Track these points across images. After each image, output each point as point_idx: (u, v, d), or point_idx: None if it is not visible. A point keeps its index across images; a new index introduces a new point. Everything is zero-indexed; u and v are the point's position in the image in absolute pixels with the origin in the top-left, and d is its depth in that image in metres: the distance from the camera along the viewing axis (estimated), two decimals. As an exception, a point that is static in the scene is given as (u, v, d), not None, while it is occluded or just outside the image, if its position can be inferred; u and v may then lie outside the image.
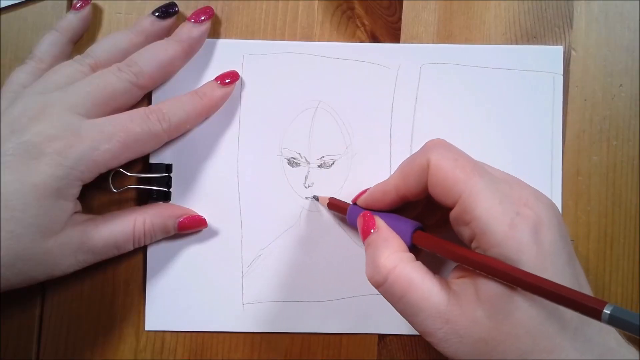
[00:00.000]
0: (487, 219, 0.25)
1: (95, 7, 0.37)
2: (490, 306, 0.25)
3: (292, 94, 0.37)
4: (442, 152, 0.27)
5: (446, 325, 0.26)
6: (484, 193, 0.26)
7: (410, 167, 0.28)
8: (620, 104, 0.37)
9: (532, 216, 0.25)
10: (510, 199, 0.26)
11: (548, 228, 0.25)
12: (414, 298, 0.26)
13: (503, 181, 0.27)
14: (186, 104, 0.34)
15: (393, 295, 0.27)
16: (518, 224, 0.25)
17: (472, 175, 0.26)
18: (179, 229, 0.35)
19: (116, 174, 0.35)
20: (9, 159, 0.29)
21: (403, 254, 0.28)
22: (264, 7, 0.37)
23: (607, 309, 0.21)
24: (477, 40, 0.37)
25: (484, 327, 0.25)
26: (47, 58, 0.35)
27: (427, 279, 0.27)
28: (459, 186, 0.26)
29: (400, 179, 0.29)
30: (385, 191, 0.30)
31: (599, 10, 0.37)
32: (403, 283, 0.27)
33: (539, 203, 0.26)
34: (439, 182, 0.27)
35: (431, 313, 0.26)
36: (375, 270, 0.28)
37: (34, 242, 0.30)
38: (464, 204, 0.26)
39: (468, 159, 0.27)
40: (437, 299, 0.26)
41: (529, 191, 0.27)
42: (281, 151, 0.36)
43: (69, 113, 0.31)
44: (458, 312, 0.26)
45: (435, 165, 0.27)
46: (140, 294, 0.36)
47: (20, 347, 0.36)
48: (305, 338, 0.36)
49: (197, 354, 0.36)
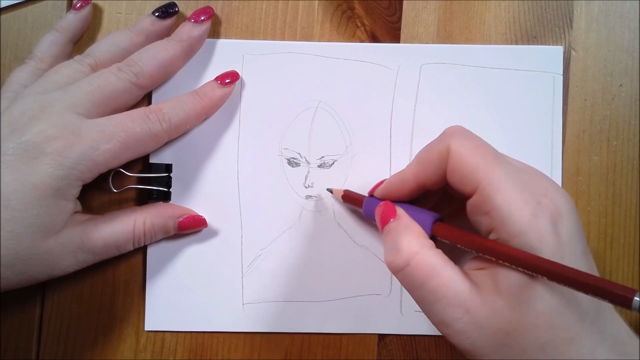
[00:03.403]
0: (509, 209, 0.25)
1: (95, 7, 0.37)
2: (510, 297, 0.25)
3: (292, 94, 0.37)
4: (463, 139, 0.27)
5: (466, 315, 0.25)
6: (504, 182, 0.25)
7: (429, 154, 0.28)
8: (620, 104, 0.37)
9: (552, 207, 0.25)
10: (531, 189, 0.26)
11: (567, 219, 0.25)
12: (435, 285, 0.26)
13: (523, 171, 0.27)
14: (186, 104, 0.34)
15: (414, 281, 0.26)
16: (539, 214, 0.25)
17: (493, 163, 0.26)
18: (179, 229, 0.35)
19: (116, 174, 0.35)
20: (9, 159, 0.29)
21: (425, 240, 0.27)
22: (264, 7, 0.37)
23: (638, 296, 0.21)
24: (477, 40, 0.37)
25: (504, 318, 0.25)
26: (47, 58, 0.35)
27: (448, 267, 0.26)
28: (479, 174, 0.26)
29: (418, 167, 0.29)
30: (403, 180, 0.29)
31: (599, 10, 0.37)
32: (425, 269, 0.26)
33: (557, 194, 0.26)
34: (459, 169, 0.26)
35: (452, 301, 0.26)
36: (396, 254, 0.27)
37: (34, 242, 0.30)
38: (484, 193, 0.25)
39: (489, 147, 0.27)
40: (459, 287, 0.26)
41: (548, 182, 0.27)
42: (281, 151, 0.36)
43: (69, 113, 0.31)
44: (479, 302, 0.25)
45: (456, 152, 0.27)
46: (140, 294, 0.36)
47: (20, 347, 0.36)
48: (305, 338, 0.36)
49: (197, 354, 0.36)
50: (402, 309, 0.36)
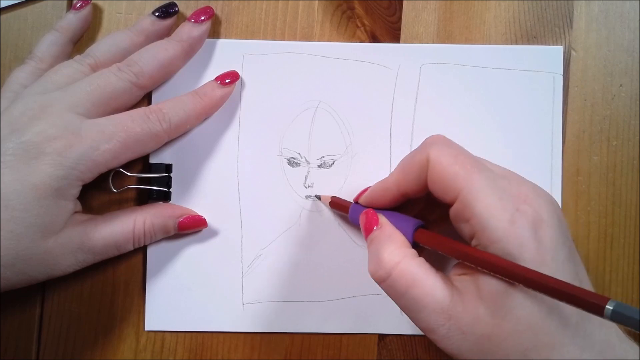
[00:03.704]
0: (487, 216, 0.25)
1: (95, 7, 0.37)
2: (492, 303, 0.25)
3: (292, 94, 0.37)
4: (442, 148, 0.27)
5: (449, 321, 0.26)
6: (483, 190, 0.26)
7: (410, 163, 0.28)
8: (620, 104, 0.37)
9: (532, 212, 0.25)
10: (510, 195, 0.26)
11: (548, 225, 0.25)
12: (417, 293, 0.26)
13: (502, 177, 0.27)
14: (186, 104, 0.34)
15: (396, 291, 0.27)
16: (518, 220, 0.25)
17: (472, 171, 0.26)
18: (179, 229, 0.35)
19: (116, 174, 0.35)
20: (9, 159, 0.29)
21: (407, 249, 0.28)
22: (264, 7, 0.37)
23: (609, 305, 0.21)
24: (477, 40, 0.37)
25: (486, 324, 0.25)
26: (47, 58, 0.35)
27: (430, 275, 0.27)
28: (459, 183, 0.26)
29: (400, 176, 0.29)
30: (386, 188, 0.30)
31: (599, 10, 0.37)
32: (407, 278, 0.27)
33: (538, 199, 0.26)
34: (439, 178, 0.27)
35: (434, 309, 0.26)
36: (378, 265, 0.27)
37: (34, 242, 0.30)
38: (464, 201, 0.26)
39: (467, 155, 0.27)
40: (441, 295, 0.26)
41: (529, 187, 0.27)
42: (281, 151, 0.36)
43: (69, 113, 0.31)
44: (461, 309, 0.26)
45: (435, 161, 0.27)
46: (140, 294, 0.36)
47: (20, 347, 0.36)
48: (305, 338, 0.36)
49: (197, 354, 0.36)
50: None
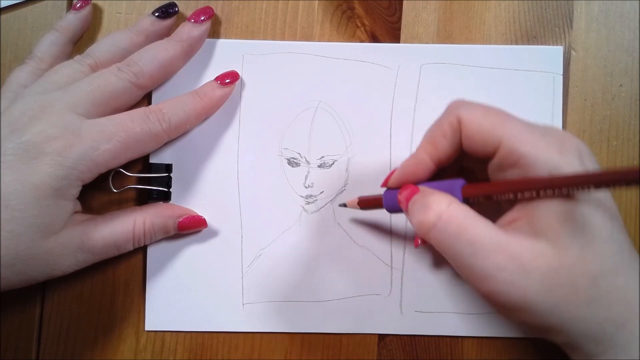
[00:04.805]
0: (536, 152, 0.25)
1: (95, 7, 0.37)
2: (552, 234, 0.25)
3: (292, 94, 0.37)
4: (470, 106, 0.28)
5: (511, 262, 0.25)
6: (524, 131, 0.26)
7: (439, 129, 0.28)
8: (620, 104, 0.37)
9: (574, 144, 0.26)
10: (550, 134, 0.26)
11: (588, 156, 0.26)
12: (472, 235, 0.25)
13: (536, 124, 0.27)
14: (186, 104, 0.34)
15: (449, 234, 0.26)
16: (565, 151, 0.26)
17: (508, 119, 0.27)
18: (179, 229, 0.35)
19: (116, 174, 0.35)
20: (9, 159, 0.29)
21: (452, 197, 0.27)
22: (264, 7, 0.37)
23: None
24: (477, 40, 0.37)
25: (550, 257, 0.25)
26: (47, 58, 0.35)
27: (481, 219, 0.26)
28: (498, 131, 0.26)
29: (430, 145, 0.29)
30: (418, 161, 0.29)
31: (599, 10, 0.37)
32: (459, 221, 0.26)
33: (575, 138, 0.27)
34: (476, 133, 0.27)
35: (494, 250, 0.25)
36: (426, 212, 0.26)
37: (34, 241, 0.30)
38: (508, 146, 0.26)
39: (497, 108, 0.28)
40: (497, 235, 0.25)
41: (562, 131, 0.28)
42: (281, 151, 0.36)
43: (69, 113, 0.31)
44: (521, 247, 0.25)
45: (468, 119, 0.27)
46: (140, 294, 0.36)
47: (20, 347, 0.36)
48: (305, 338, 0.36)
49: (197, 354, 0.36)
50: (402, 309, 0.36)
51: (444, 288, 0.36)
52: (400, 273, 0.36)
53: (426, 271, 0.36)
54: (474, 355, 0.36)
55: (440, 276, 0.36)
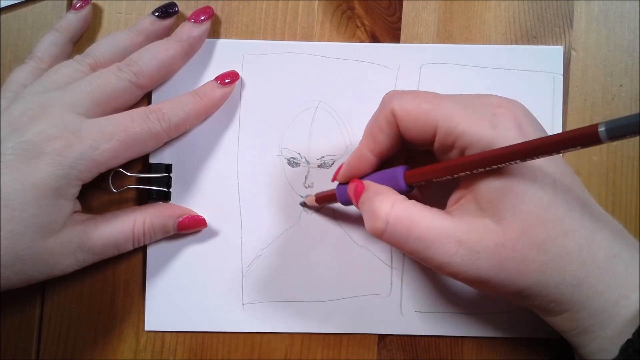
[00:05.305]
0: (470, 130, 0.26)
1: (95, 7, 0.37)
2: (494, 210, 0.26)
3: (292, 94, 0.37)
4: (401, 97, 0.28)
5: (460, 246, 0.26)
6: (456, 110, 0.27)
7: (376, 124, 0.29)
8: (620, 104, 0.37)
9: (509, 113, 0.26)
10: (483, 107, 0.27)
11: (527, 120, 0.27)
12: (420, 230, 0.26)
13: (468, 97, 0.28)
14: (186, 103, 0.34)
15: (399, 236, 0.27)
16: (499, 123, 0.26)
17: (438, 102, 0.27)
18: (178, 229, 0.35)
19: (116, 174, 0.35)
20: (8, 159, 0.29)
21: (395, 196, 0.28)
22: (264, 7, 0.37)
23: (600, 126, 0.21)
24: (477, 40, 0.37)
25: (496, 233, 0.26)
26: (47, 58, 0.35)
27: (426, 210, 0.27)
28: (431, 116, 0.27)
29: (370, 140, 0.30)
30: (360, 156, 0.30)
31: (599, 10, 0.37)
32: (405, 220, 0.27)
33: (509, 102, 0.27)
34: (412, 123, 0.28)
35: (442, 240, 0.26)
36: (374, 218, 0.27)
37: (34, 241, 0.30)
38: (444, 129, 0.27)
39: (426, 93, 0.28)
40: (443, 224, 0.26)
41: (497, 97, 0.28)
42: (281, 151, 0.36)
43: (69, 112, 0.31)
44: (467, 229, 0.26)
45: (401, 110, 0.28)
46: (140, 294, 0.36)
47: (20, 347, 0.36)
48: (305, 338, 0.36)
49: (197, 354, 0.36)
50: (402, 309, 0.36)
51: (444, 288, 0.36)
52: (400, 273, 0.36)
53: (426, 271, 0.36)
54: (474, 355, 0.36)
55: (440, 276, 0.36)
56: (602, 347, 0.26)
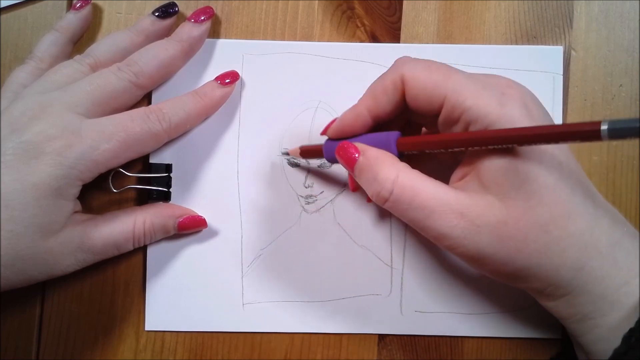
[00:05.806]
0: (477, 105, 0.26)
1: (95, 7, 0.37)
2: (498, 187, 0.26)
3: (292, 94, 0.37)
4: (414, 64, 0.28)
5: (462, 219, 0.26)
6: (466, 85, 0.27)
7: (382, 85, 0.29)
8: (620, 104, 0.37)
9: (517, 94, 0.26)
10: (492, 85, 0.27)
11: (534, 103, 0.27)
12: (423, 199, 0.26)
13: (479, 74, 0.28)
14: (186, 103, 0.34)
15: (402, 205, 0.27)
16: (507, 102, 0.26)
17: (450, 74, 0.27)
18: (179, 229, 0.35)
19: (116, 174, 0.35)
20: (8, 159, 0.29)
21: (399, 164, 0.28)
22: (264, 7, 0.37)
23: (603, 125, 0.21)
24: (477, 40, 0.37)
25: (499, 210, 0.26)
26: (47, 58, 0.35)
27: (430, 181, 0.27)
28: (441, 87, 0.27)
29: (371, 100, 0.30)
30: (357, 114, 0.30)
31: (599, 10, 0.37)
32: (409, 189, 0.27)
33: (518, 85, 0.27)
34: (420, 91, 0.28)
35: (444, 210, 0.26)
36: (379, 186, 0.27)
37: (34, 241, 0.30)
38: (451, 101, 0.27)
39: (440, 63, 0.28)
40: (446, 196, 0.26)
41: (507, 79, 0.28)
42: (281, 151, 0.36)
43: (69, 112, 0.31)
44: (469, 203, 0.26)
45: (411, 77, 0.28)
46: (140, 294, 0.36)
47: (20, 347, 0.36)
48: (305, 338, 0.36)
49: (197, 354, 0.36)
50: (402, 309, 0.36)
51: (444, 288, 0.36)
52: (400, 273, 0.36)
53: (426, 271, 0.36)
54: (474, 355, 0.36)
55: (440, 276, 0.36)
56: (603, 336, 0.26)
